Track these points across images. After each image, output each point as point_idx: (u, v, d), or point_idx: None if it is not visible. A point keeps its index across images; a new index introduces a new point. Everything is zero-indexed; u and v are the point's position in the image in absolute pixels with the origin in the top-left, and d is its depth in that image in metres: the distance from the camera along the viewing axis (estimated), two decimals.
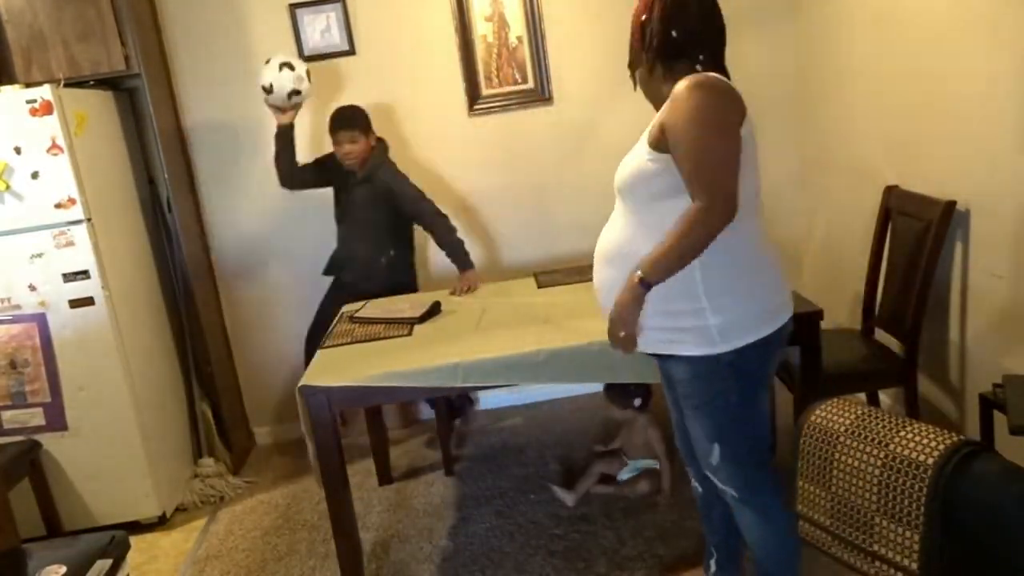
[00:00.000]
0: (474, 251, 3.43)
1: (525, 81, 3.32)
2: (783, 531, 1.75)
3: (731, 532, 2.04)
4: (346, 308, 2.82)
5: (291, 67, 2.85)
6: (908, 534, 1.33)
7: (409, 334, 2.41)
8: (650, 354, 1.77)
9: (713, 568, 2.09)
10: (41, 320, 2.69)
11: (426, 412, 3.55)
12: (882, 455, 1.38)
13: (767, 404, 1.78)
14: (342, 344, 2.40)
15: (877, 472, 1.38)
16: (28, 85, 2.65)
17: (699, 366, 1.67)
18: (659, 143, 1.59)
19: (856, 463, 1.43)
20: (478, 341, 2.24)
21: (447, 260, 2.99)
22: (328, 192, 3.09)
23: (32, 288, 2.67)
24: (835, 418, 1.54)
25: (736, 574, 2.11)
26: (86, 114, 2.76)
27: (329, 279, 3.17)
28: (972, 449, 1.31)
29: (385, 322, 2.52)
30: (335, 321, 2.69)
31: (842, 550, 1.49)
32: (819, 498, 1.52)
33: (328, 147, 3.01)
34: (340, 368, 2.20)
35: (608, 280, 1.73)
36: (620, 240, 1.70)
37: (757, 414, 1.74)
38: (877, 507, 1.38)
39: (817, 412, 1.60)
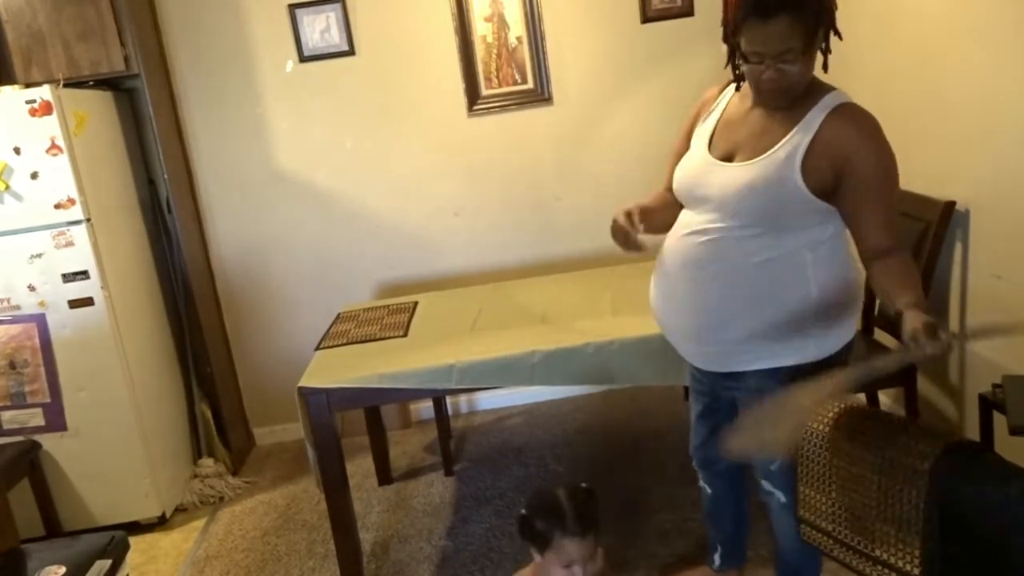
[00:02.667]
0: (473, 251, 3.45)
1: (525, 81, 3.31)
2: None
3: (738, 531, 2.09)
4: (342, 310, 2.82)
5: None
6: (908, 538, 1.32)
7: (405, 335, 2.41)
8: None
9: (718, 561, 2.12)
10: (41, 320, 2.69)
11: (425, 412, 3.54)
12: (880, 459, 1.38)
13: None
14: (339, 345, 2.40)
15: (876, 476, 1.38)
16: (28, 85, 2.65)
17: (784, 376, 1.62)
18: (825, 185, 1.57)
19: (855, 467, 1.43)
20: (474, 342, 2.24)
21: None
22: (327, 192, 3.07)
23: (32, 288, 2.67)
24: (835, 422, 1.54)
25: (740, 564, 2.14)
26: (86, 114, 2.76)
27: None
28: (971, 450, 1.31)
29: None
30: (332, 322, 2.69)
31: (844, 554, 1.49)
32: (820, 503, 1.52)
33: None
34: (338, 369, 2.20)
35: (681, 293, 1.70)
36: (714, 255, 1.64)
37: None
38: (877, 511, 1.38)
39: (817, 415, 1.59)
